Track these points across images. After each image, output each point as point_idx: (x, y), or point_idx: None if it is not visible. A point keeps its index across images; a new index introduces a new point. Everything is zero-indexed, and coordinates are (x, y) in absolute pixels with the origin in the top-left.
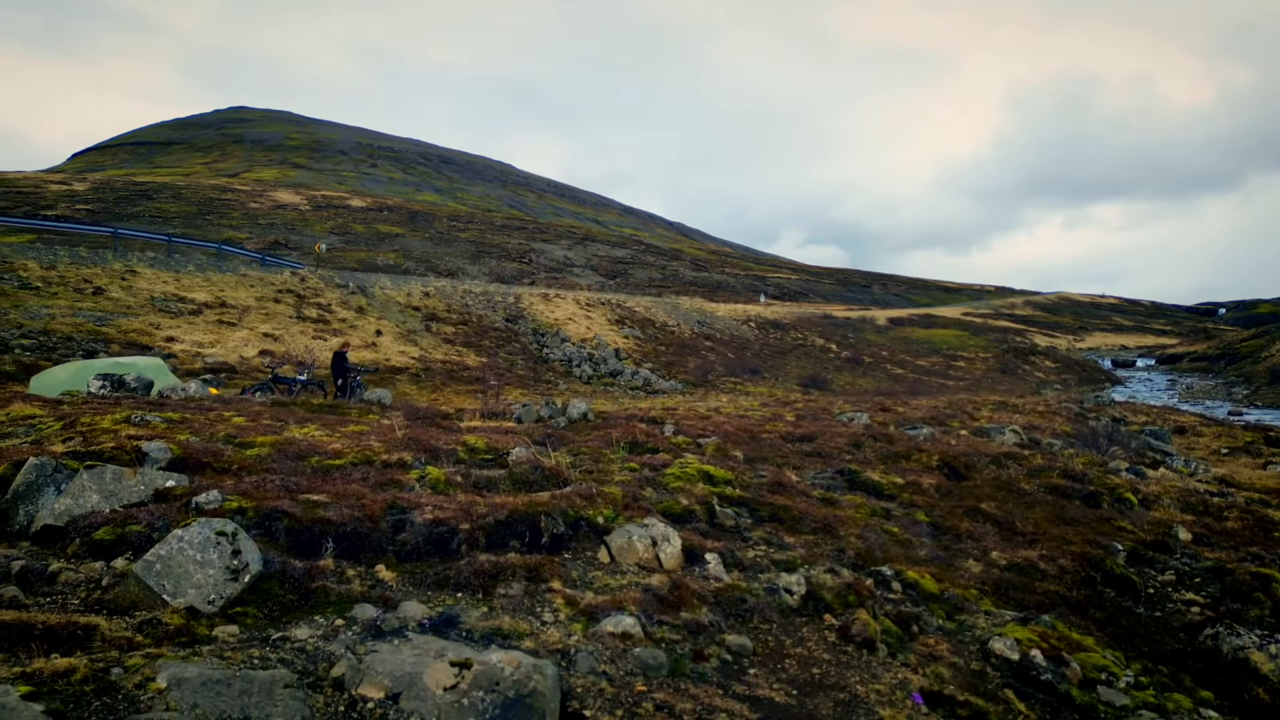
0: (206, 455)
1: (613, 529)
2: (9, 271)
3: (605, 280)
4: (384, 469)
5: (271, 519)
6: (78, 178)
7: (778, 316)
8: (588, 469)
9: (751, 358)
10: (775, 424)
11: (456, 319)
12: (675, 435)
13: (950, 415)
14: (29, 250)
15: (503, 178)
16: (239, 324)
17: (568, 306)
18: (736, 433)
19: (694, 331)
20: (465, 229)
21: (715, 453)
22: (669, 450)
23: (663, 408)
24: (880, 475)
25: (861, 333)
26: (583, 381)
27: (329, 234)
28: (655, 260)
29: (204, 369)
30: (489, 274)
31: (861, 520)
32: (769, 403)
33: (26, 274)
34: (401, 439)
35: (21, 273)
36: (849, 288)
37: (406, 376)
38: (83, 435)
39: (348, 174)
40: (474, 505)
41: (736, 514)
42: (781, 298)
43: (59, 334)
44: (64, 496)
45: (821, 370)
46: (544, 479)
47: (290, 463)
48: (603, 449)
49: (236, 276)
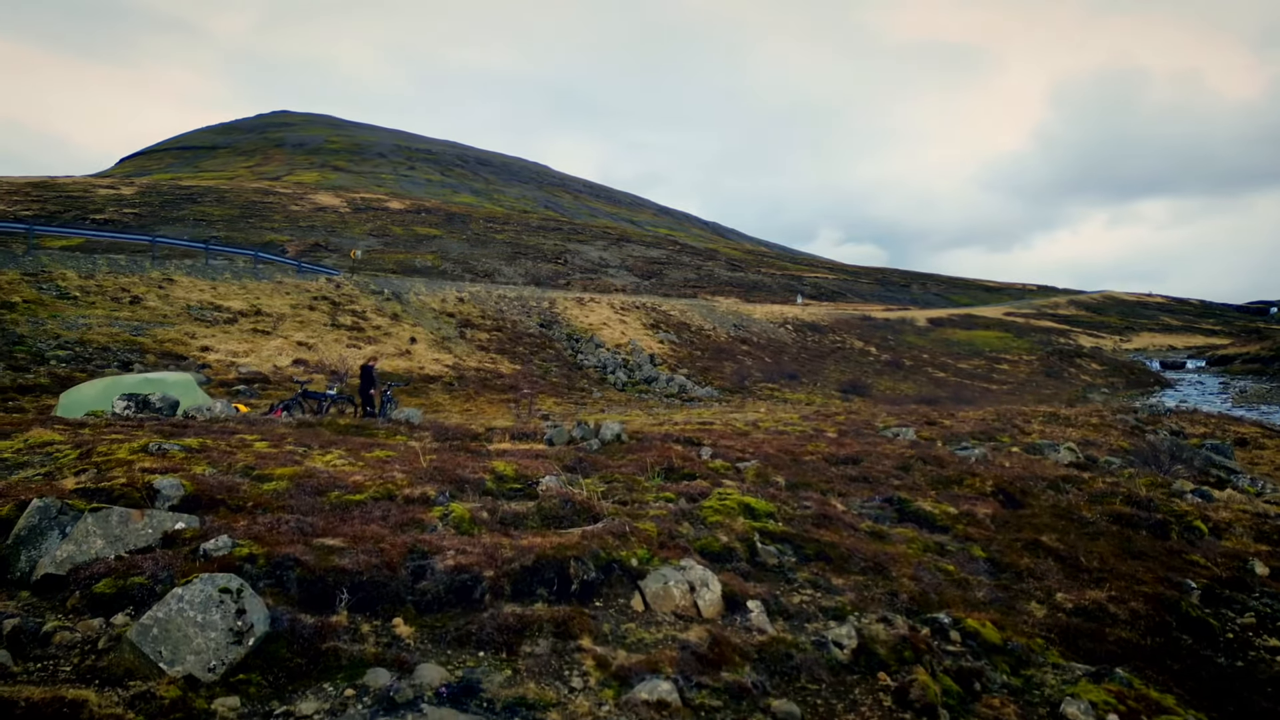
0: (221, 491)
1: (647, 572)
2: (48, 281)
3: (640, 281)
4: (406, 505)
5: (283, 567)
6: (125, 182)
7: (815, 318)
8: (621, 499)
9: (789, 362)
10: (817, 443)
11: (491, 325)
12: (713, 459)
13: (999, 429)
14: (68, 259)
15: (539, 179)
16: (273, 333)
17: (602, 311)
18: (777, 454)
19: (730, 335)
20: (501, 230)
21: (755, 478)
22: (707, 476)
23: (698, 423)
24: (932, 504)
25: (901, 334)
26: (617, 389)
27: (368, 236)
28: (690, 260)
29: (237, 379)
30: (525, 275)
31: (914, 557)
32: (809, 415)
33: (65, 283)
34: (426, 469)
35: (60, 282)
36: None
37: (440, 386)
38: (97, 467)
39: (386, 176)
40: (499, 548)
41: (780, 551)
42: (818, 298)
43: (95, 344)
44: (68, 542)
45: (861, 375)
46: (574, 513)
47: (308, 499)
48: (637, 475)
49: (272, 284)
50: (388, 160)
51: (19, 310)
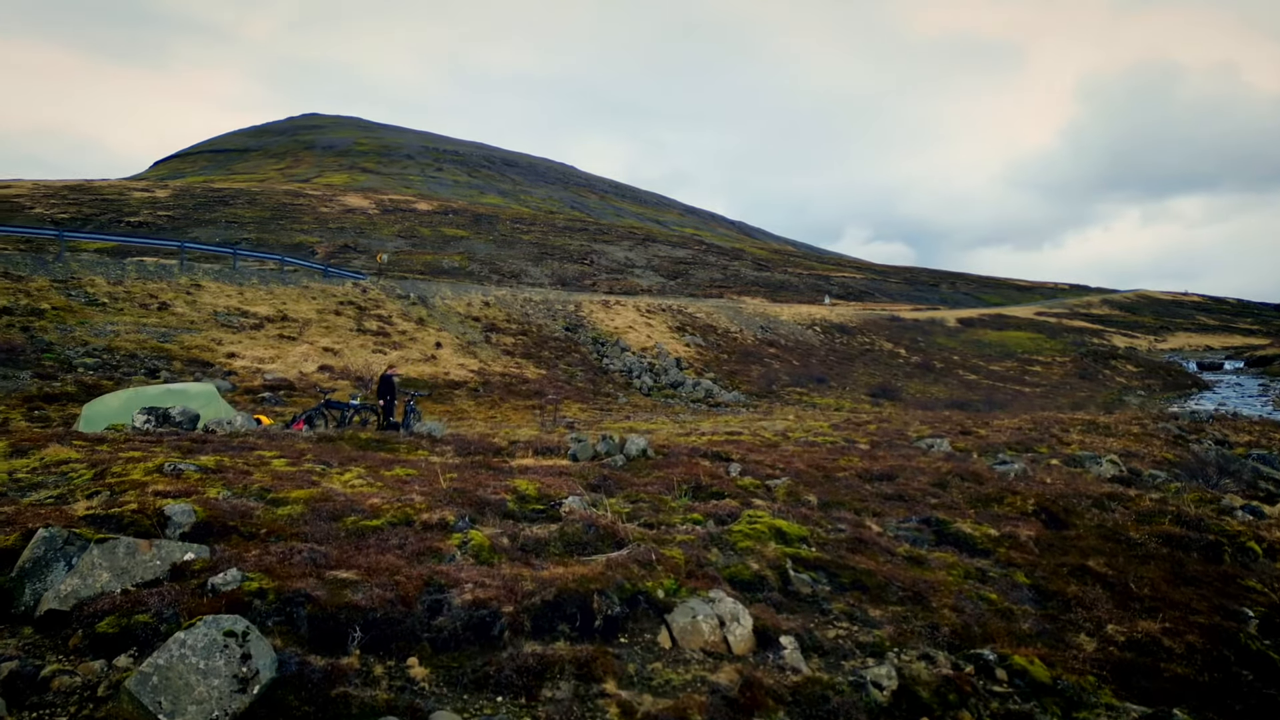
0: (234, 517)
1: (674, 605)
2: (77, 287)
3: (666, 281)
4: (424, 532)
5: (294, 603)
6: (159, 185)
7: (843, 319)
8: (646, 521)
9: (817, 365)
10: (849, 457)
11: (516, 329)
12: (742, 475)
13: (1037, 439)
14: (97, 265)
15: (565, 179)
16: (299, 338)
17: (628, 314)
18: (808, 470)
19: (757, 338)
20: (528, 231)
21: (786, 497)
22: (736, 495)
23: (726, 433)
24: (971, 525)
25: (931, 336)
26: (643, 393)
27: (396, 237)
28: (716, 260)
29: (263, 386)
30: (551, 276)
31: (954, 585)
32: (840, 424)
33: (94, 289)
34: (446, 489)
35: (89, 288)
36: (916, 286)
37: (465, 392)
38: (110, 489)
39: (414, 178)
40: (519, 580)
41: (814, 580)
42: (846, 298)
43: (123, 351)
44: (73, 575)
45: (890, 378)
46: (598, 538)
47: (324, 524)
48: (663, 494)
49: (298, 289)
50: (415, 162)
51: (48, 317)
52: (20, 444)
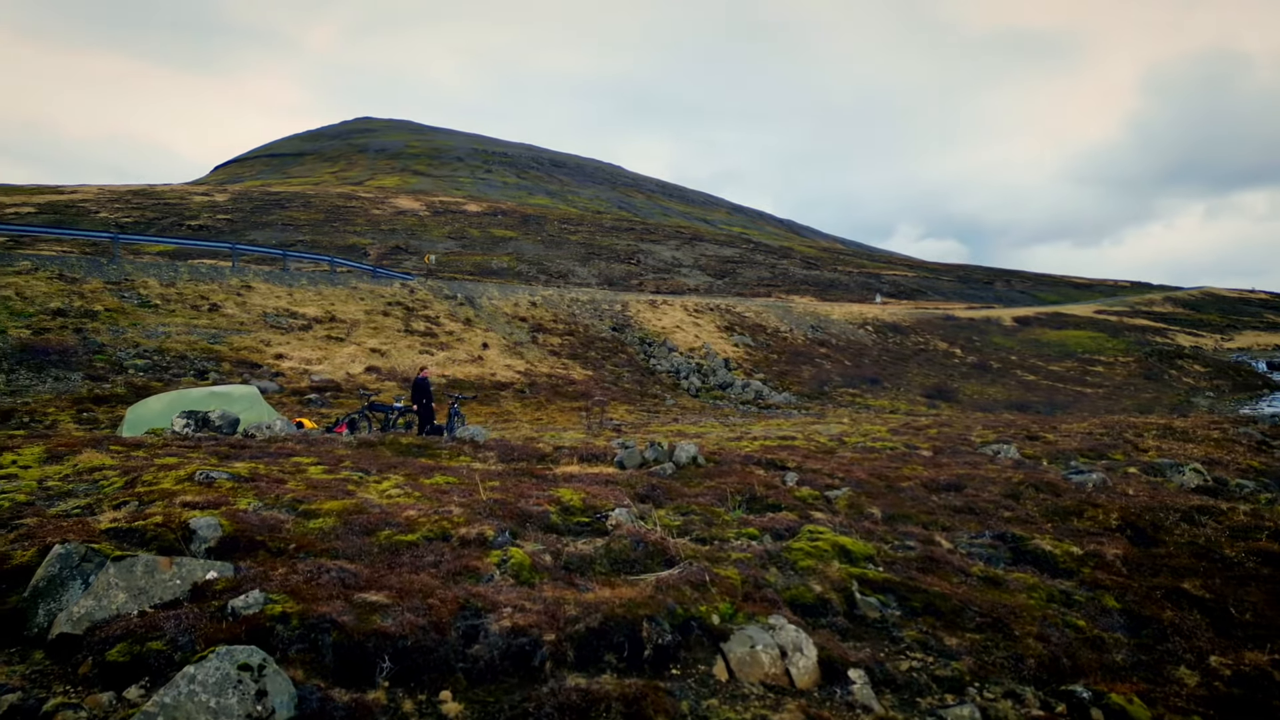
0: (262, 531)
1: (731, 632)
2: (130, 289)
3: (713, 280)
4: (461, 548)
5: (319, 629)
6: (219, 189)
7: (896, 318)
8: (698, 535)
9: (870, 365)
10: (912, 465)
11: (563, 329)
12: (799, 485)
13: (1110, 445)
14: (150, 267)
15: (612, 179)
16: (347, 339)
17: (675, 313)
18: (870, 480)
19: (807, 337)
20: (575, 231)
21: (848, 509)
22: (793, 507)
23: (779, 437)
24: (1051, 542)
25: (987, 335)
26: (691, 395)
27: (446, 238)
28: (764, 259)
29: (310, 388)
30: (598, 276)
31: (1037, 610)
32: (899, 429)
33: (146, 291)
34: (486, 501)
35: (142, 290)
36: (969, 285)
37: (511, 393)
38: (139, 499)
39: (464, 179)
40: (562, 605)
41: (882, 603)
42: (897, 296)
43: (173, 353)
44: (88, 595)
45: (946, 379)
46: (647, 555)
47: (356, 539)
48: (715, 506)
49: (347, 289)
50: (465, 164)
51: (101, 319)
52: (56, 449)
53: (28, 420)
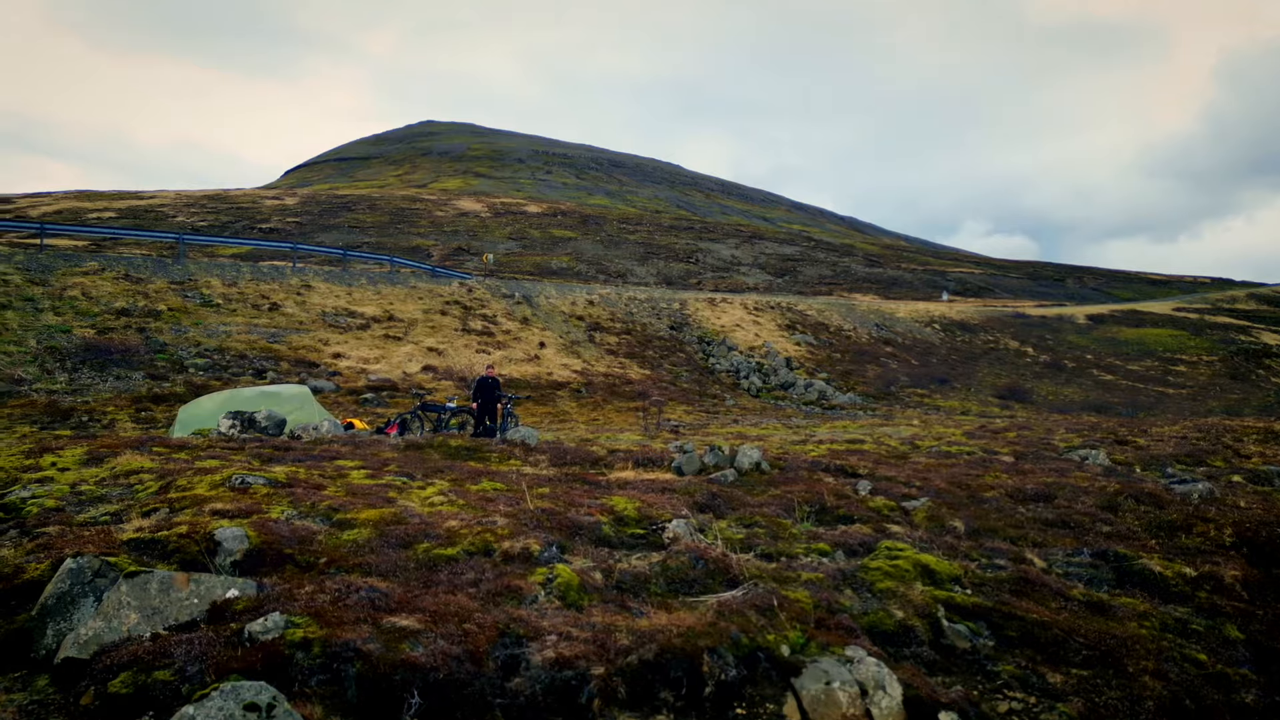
0: (291, 543)
1: (802, 666)
2: (193, 289)
3: (773, 279)
4: (503, 564)
5: (342, 659)
6: (289, 193)
7: (964, 317)
8: (764, 550)
9: (938, 365)
10: (994, 472)
11: (620, 328)
12: (872, 495)
13: (1208, 450)
14: (214, 267)
15: (671, 179)
16: (404, 338)
17: (735, 312)
18: (949, 489)
19: (872, 336)
20: (634, 231)
21: (927, 521)
22: (867, 519)
23: (846, 440)
24: (1160, 563)
25: (1060, 333)
26: (751, 395)
27: (507, 239)
28: (825, 257)
29: (366, 387)
30: (656, 275)
31: (1151, 641)
32: (974, 432)
33: (209, 291)
34: (533, 511)
35: (205, 289)
36: (1039, 282)
37: (567, 393)
38: (169, 506)
39: (524, 181)
40: (613, 632)
41: (972, 632)
42: (964, 294)
43: (233, 352)
44: (97, 616)
45: (1019, 378)
46: (707, 574)
47: (391, 553)
48: (781, 517)
49: (405, 289)
50: (525, 165)
51: (164, 318)
52: (98, 451)
53: (85, 419)
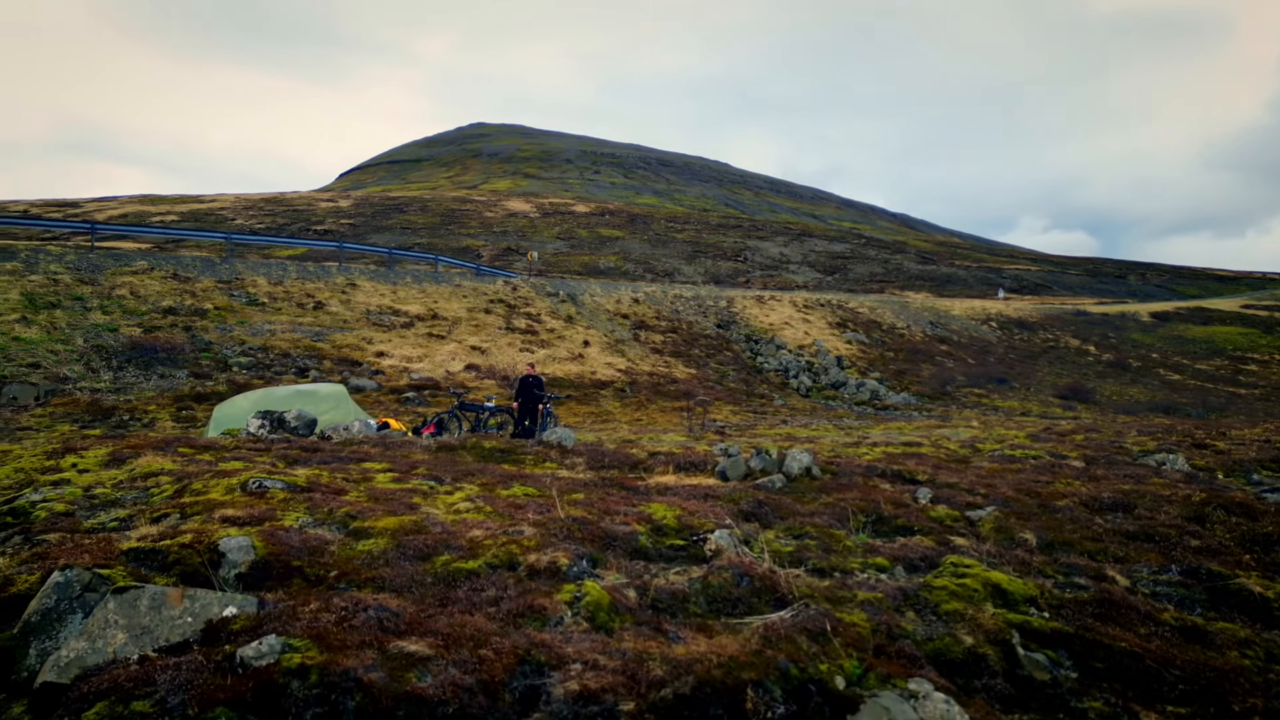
0: (301, 554)
1: (860, 702)
2: (239, 288)
3: (822, 277)
4: (528, 580)
5: (340, 689)
6: (343, 195)
7: (1022, 314)
8: (815, 565)
9: (995, 364)
10: (1065, 478)
11: (666, 326)
12: (934, 504)
13: None
14: (260, 266)
15: (719, 177)
16: (448, 337)
17: (783, 309)
18: (1017, 497)
19: (926, 334)
20: (682, 230)
21: (995, 533)
22: (929, 530)
23: (902, 443)
24: (1259, 582)
25: (1123, 331)
26: (800, 394)
27: (555, 239)
28: (876, 254)
29: (408, 385)
30: (704, 274)
31: (1256, 674)
32: (1039, 434)
33: (255, 290)
34: (564, 520)
35: (251, 288)
36: (1099, 279)
37: (611, 392)
38: (181, 511)
39: (573, 181)
40: (645, 660)
41: (1052, 661)
42: (1020, 291)
43: (277, 350)
44: (81, 635)
45: (1081, 378)
46: (752, 592)
47: (408, 566)
48: (834, 528)
49: (450, 287)
50: (574, 165)
51: (209, 317)
52: (122, 451)
53: (126, 418)
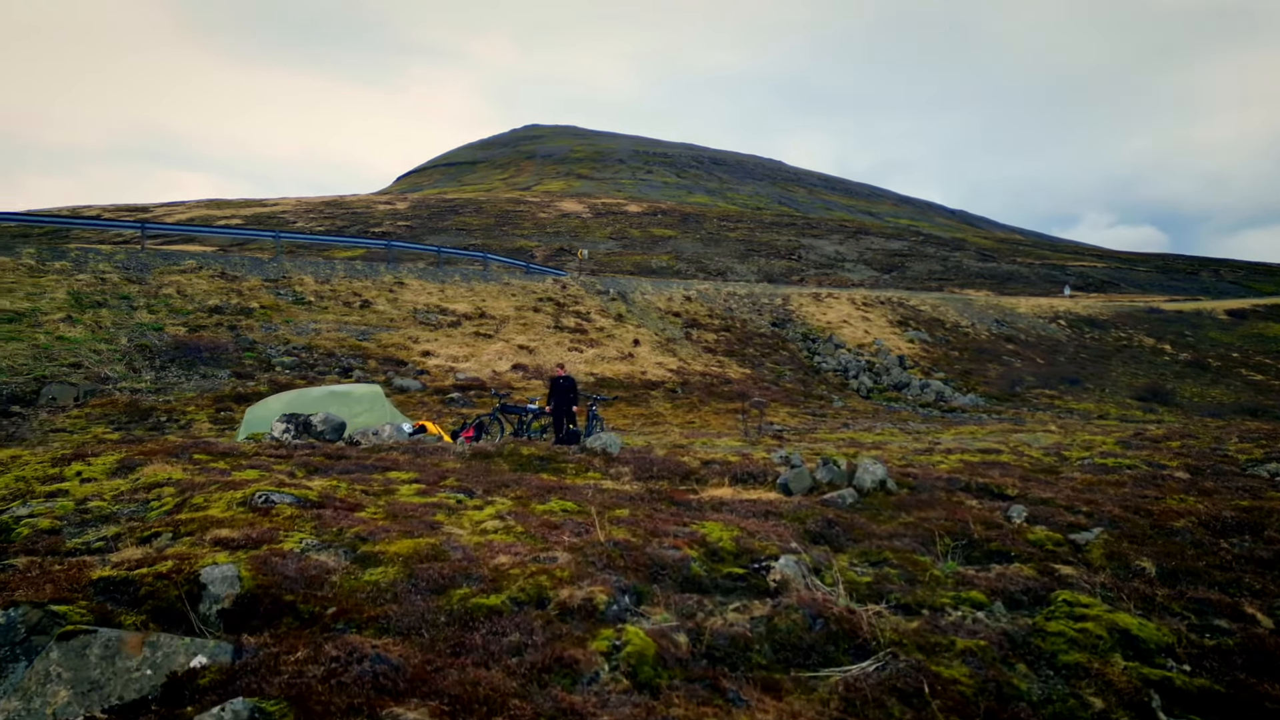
0: (296, 587)
1: None
2: (286, 286)
3: (879, 275)
4: (558, 621)
5: None
6: (400, 198)
7: (1091, 312)
8: (899, 600)
9: (1066, 363)
10: (1173, 493)
11: (719, 325)
12: (1030, 524)
13: None
14: (308, 265)
15: (772, 175)
16: (495, 336)
17: (842, 307)
18: (1125, 516)
19: (991, 333)
20: (734, 228)
21: (1107, 560)
22: (1027, 555)
23: (979, 450)
24: None
25: (1200, 329)
26: (861, 396)
27: (608, 239)
28: (935, 251)
29: (454, 386)
30: (757, 272)
31: None
32: (1129, 440)
33: (301, 288)
34: (604, 545)
35: (297, 287)
36: (1170, 275)
37: (661, 393)
38: (174, 530)
39: (625, 181)
40: None
41: None
42: (1085, 288)
43: (321, 350)
44: (15, 693)
45: (1159, 378)
46: (827, 637)
47: (419, 601)
48: (918, 553)
49: (499, 285)
50: (626, 165)
51: (255, 316)
52: (133, 458)
53: (164, 419)
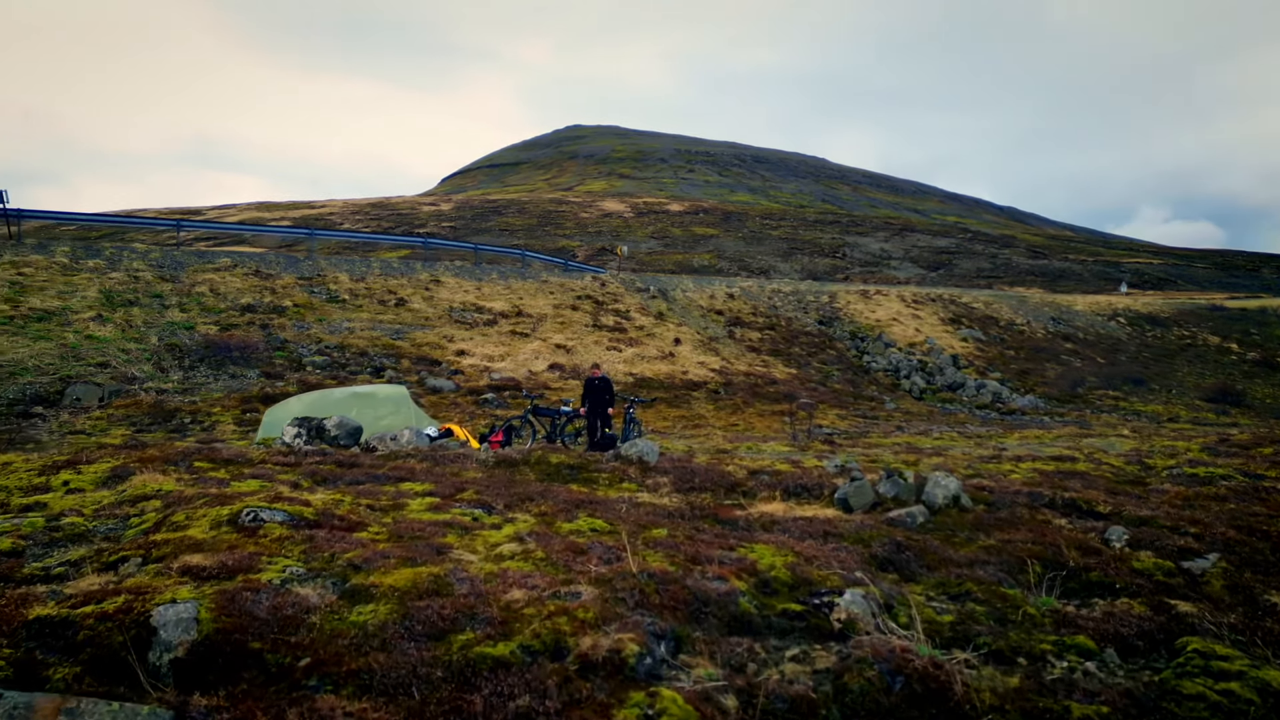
0: (265, 632)
1: None
2: (320, 284)
3: (926, 273)
4: (579, 677)
5: None
6: (444, 199)
7: (1151, 310)
8: (991, 645)
9: (1128, 363)
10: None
11: (763, 323)
12: (1133, 549)
13: None
14: (343, 262)
15: (815, 173)
16: (532, 334)
17: (891, 305)
18: (1241, 538)
19: (1048, 331)
20: (777, 226)
21: (1229, 594)
22: (1134, 588)
23: (1050, 457)
24: None
25: (1266, 327)
26: (914, 396)
27: (649, 238)
28: (984, 249)
29: (488, 386)
30: (800, 271)
31: None
32: (1213, 445)
33: (336, 286)
34: (637, 576)
35: (332, 285)
36: (1230, 272)
37: (704, 393)
38: (145, 553)
39: (667, 180)
40: None
41: None
42: (1141, 286)
43: (354, 349)
44: None
45: (1227, 378)
46: (909, 700)
47: (412, 650)
48: (1004, 584)
49: (536, 283)
50: (668, 165)
51: (288, 314)
52: (126, 466)
53: (188, 421)
